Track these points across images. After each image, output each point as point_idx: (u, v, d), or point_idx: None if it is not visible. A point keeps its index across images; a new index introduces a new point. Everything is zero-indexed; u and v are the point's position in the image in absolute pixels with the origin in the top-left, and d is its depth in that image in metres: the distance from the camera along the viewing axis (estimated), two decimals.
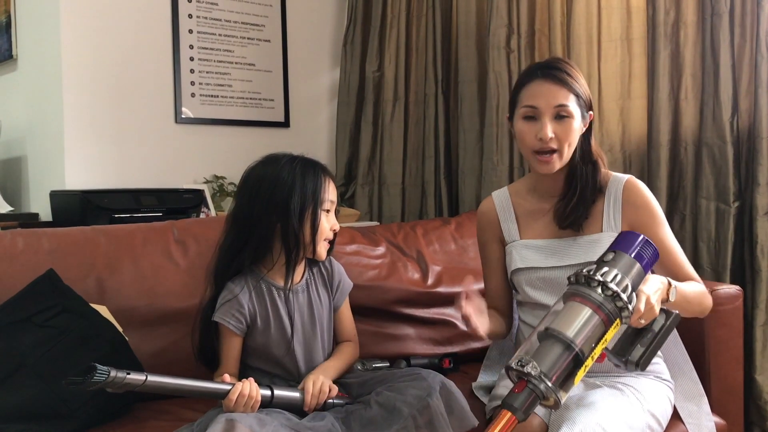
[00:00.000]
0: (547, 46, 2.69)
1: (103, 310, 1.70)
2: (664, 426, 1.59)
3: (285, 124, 3.49)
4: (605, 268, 1.30)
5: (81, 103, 2.91)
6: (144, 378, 1.29)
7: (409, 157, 3.26)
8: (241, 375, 1.57)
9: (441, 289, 2.19)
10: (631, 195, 1.67)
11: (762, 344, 2.15)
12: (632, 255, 1.33)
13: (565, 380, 1.23)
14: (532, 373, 1.19)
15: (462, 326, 2.17)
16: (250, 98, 3.38)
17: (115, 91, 2.99)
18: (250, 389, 1.40)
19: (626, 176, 1.71)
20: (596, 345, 1.25)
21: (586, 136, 1.67)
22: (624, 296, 1.27)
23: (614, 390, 1.54)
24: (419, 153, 3.23)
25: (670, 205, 2.38)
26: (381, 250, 2.21)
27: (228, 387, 1.39)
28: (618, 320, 1.28)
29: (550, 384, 1.19)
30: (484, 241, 1.82)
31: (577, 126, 1.62)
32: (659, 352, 1.70)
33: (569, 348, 1.22)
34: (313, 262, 1.65)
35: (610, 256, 1.34)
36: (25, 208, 3.21)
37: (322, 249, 1.59)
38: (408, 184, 3.27)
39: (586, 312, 1.25)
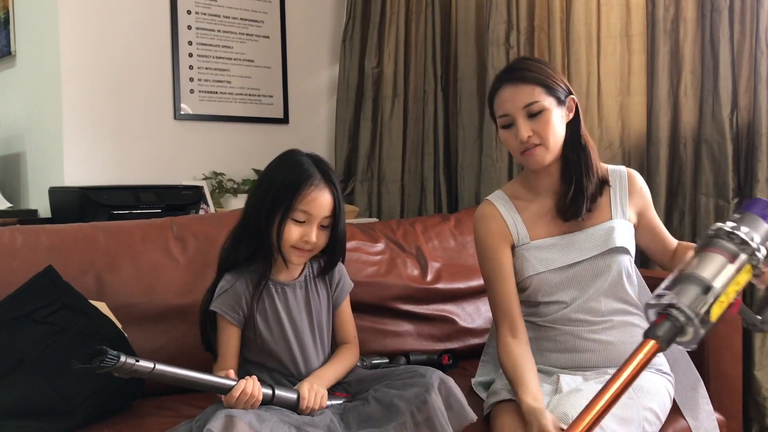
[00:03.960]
0: (546, 42, 2.68)
1: (103, 307, 1.70)
2: (663, 419, 1.59)
3: (284, 120, 3.48)
4: (732, 223, 1.37)
5: (80, 100, 2.91)
6: (152, 366, 1.30)
7: (409, 154, 3.26)
8: (240, 368, 1.57)
9: (440, 286, 2.19)
10: (637, 184, 1.73)
11: (761, 341, 2.16)
12: (758, 213, 1.41)
13: (703, 317, 1.28)
14: (674, 303, 1.25)
15: (461, 323, 2.18)
16: (249, 94, 3.37)
17: (114, 88, 2.99)
18: (253, 387, 1.40)
19: (624, 167, 1.75)
20: (729, 286, 1.32)
21: (574, 124, 1.67)
22: (753, 243, 1.33)
23: None
24: (418, 149, 3.23)
25: (669, 202, 2.38)
26: (380, 246, 2.21)
27: (232, 383, 1.39)
28: (749, 265, 1.34)
29: (691, 313, 1.24)
30: (492, 245, 1.69)
31: (557, 116, 1.62)
32: None
33: (705, 288, 1.29)
34: (314, 259, 1.65)
35: (737, 215, 1.40)
36: (24, 204, 3.21)
37: (291, 256, 1.55)
38: (407, 180, 3.27)
39: (719, 258, 1.33)
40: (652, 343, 1.24)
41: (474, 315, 2.21)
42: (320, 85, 3.63)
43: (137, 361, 1.27)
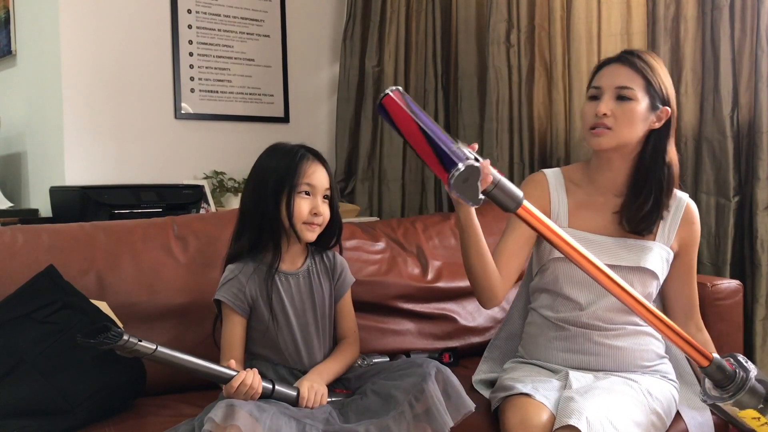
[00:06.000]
0: (546, 40, 2.68)
1: (104, 306, 1.71)
2: (668, 424, 1.60)
3: (284, 119, 3.48)
4: None
5: (80, 99, 2.91)
6: (154, 347, 1.32)
7: (409, 153, 3.25)
8: (245, 363, 1.58)
9: (441, 284, 2.19)
10: (691, 215, 1.69)
11: (762, 339, 2.15)
12: None
13: (741, 400, 1.32)
14: (749, 371, 1.31)
15: (462, 321, 2.18)
16: (250, 94, 3.38)
17: (115, 87, 2.99)
18: (253, 380, 1.40)
19: (686, 196, 1.71)
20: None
21: (660, 135, 1.62)
22: None
23: (623, 386, 1.54)
24: None
25: None
26: (381, 245, 2.21)
27: (232, 373, 1.40)
28: None
29: (748, 386, 1.29)
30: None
31: (641, 111, 1.58)
32: (665, 353, 1.71)
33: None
34: (316, 252, 1.66)
35: None
36: (24, 204, 3.21)
37: (304, 232, 1.57)
38: (408, 179, 3.27)
39: None
40: (710, 355, 1.29)
41: (475, 314, 2.21)
42: (321, 84, 3.63)
43: (140, 340, 1.29)
